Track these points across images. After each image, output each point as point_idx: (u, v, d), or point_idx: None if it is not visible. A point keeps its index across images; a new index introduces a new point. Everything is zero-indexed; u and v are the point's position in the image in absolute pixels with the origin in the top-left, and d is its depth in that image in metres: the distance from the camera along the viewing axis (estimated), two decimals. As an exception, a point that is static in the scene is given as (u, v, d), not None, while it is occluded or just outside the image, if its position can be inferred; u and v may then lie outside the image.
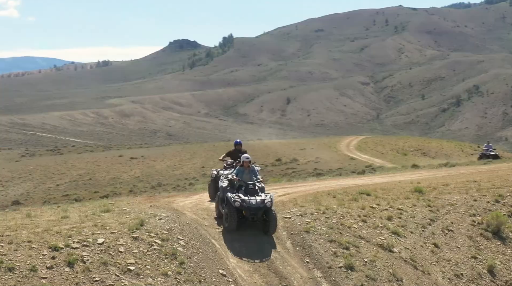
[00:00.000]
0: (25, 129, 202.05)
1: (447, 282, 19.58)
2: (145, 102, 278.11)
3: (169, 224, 19.20)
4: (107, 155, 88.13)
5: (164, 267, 16.91)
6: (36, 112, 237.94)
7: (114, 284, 15.78)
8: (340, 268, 18.53)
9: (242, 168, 20.51)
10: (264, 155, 75.90)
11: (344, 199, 23.47)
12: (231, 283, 17.20)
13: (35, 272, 15.50)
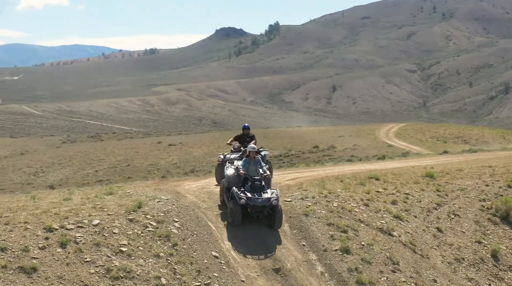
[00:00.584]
0: (72, 116, 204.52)
1: (446, 266, 19.41)
2: (191, 90, 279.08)
3: (167, 206, 19.36)
4: (146, 141, 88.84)
5: (157, 248, 17.07)
6: (83, 100, 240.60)
7: (104, 264, 15.98)
8: (335, 251, 18.50)
9: (248, 159, 20.11)
10: (302, 142, 75.77)
11: (351, 184, 23.39)
12: (223, 265, 17.30)
13: (27, 252, 15.75)
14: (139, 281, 15.76)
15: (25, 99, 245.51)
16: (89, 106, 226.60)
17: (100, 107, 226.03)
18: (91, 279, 15.37)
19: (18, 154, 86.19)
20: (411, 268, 18.51)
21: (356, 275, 17.59)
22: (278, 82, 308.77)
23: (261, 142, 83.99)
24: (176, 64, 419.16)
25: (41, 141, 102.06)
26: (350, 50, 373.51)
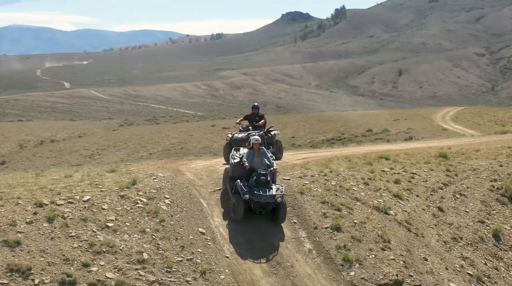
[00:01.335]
0: (138, 100, 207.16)
1: (441, 245, 19.15)
2: (256, 74, 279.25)
3: (161, 183, 19.55)
4: (200, 125, 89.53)
5: (144, 224, 17.29)
6: (149, 84, 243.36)
7: (88, 239, 16.27)
8: (326, 229, 18.45)
9: (252, 151, 19.29)
10: (356, 125, 75.38)
11: (358, 163, 23.19)
12: (209, 241, 17.43)
13: (13, 226, 16.13)
14: (120, 255, 16.00)
15: (93, 83, 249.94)
16: (155, 91, 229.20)
17: (166, 91, 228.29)
18: (73, 253, 15.67)
19: (76, 136, 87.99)
20: (402, 246, 18.33)
21: (344, 253, 17.52)
22: (344, 67, 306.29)
23: (314, 125, 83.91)
24: (242, 49, 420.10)
25: (99, 124, 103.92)
26: (417, 34, 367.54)
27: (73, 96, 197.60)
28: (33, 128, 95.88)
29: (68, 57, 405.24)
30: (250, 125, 24.49)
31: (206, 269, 16.18)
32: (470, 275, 18.31)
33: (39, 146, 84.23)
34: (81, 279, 14.95)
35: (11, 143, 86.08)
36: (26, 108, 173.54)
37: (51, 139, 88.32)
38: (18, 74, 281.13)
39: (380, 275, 17.11)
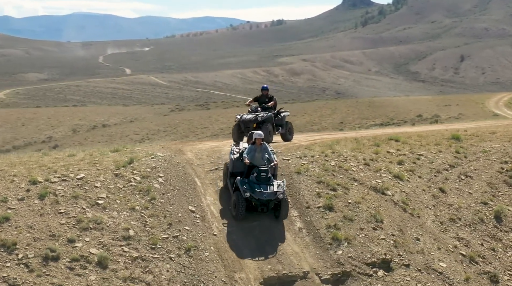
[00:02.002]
0: (198, 86, 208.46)
1: (437, 226, 18.89)
2: (316, 60, 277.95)
3: (158, 162, 19.64)
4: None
5: (134, 202, 17.44)
6: (209, 70, 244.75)
7: (77, 216, 16.50)
8: (318, 208, 18.36)
9: (253, 146, 18.54)
10: (406, 111, 74.72)
11: (365, 144, 22.94)
12: (198, 219, 17.52)
13: (4, 203, 16.42)
14: (107, 232, 16.21)
15: (153, 70, 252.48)
16: (215, 77, 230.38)
17: (225, 77, 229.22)
18: (59, 229, 15.92)
19: (127, 121, 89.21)
20: (395, 226, 18.14)
21: (333, 232, 17.44)
22: (404, 52, 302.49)
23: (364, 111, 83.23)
24: (302, 35, 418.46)
25: (151, 109, 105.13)
26: (480, 19, 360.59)
27: (133, 82, 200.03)
28: (86, 113, 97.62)
29: (130, 43, 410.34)
30: (259, 107, 24.50)
31: (191, 246, 16.27)
32: (463, 255, 18.05)
33: (91, 131, 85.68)
34: (65, 254, 15.18)
35: (64, 128, 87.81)
36: (87, 94, 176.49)
37: (103, 124, 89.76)
38: (81, 61, 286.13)
39: (368, 254, 16.99)
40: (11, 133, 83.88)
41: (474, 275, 17.50)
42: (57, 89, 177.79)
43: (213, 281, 15.59)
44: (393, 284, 16.40)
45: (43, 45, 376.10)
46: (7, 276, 14.28)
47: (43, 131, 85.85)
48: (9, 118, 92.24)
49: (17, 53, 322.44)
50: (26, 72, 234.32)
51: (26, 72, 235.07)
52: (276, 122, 24.54)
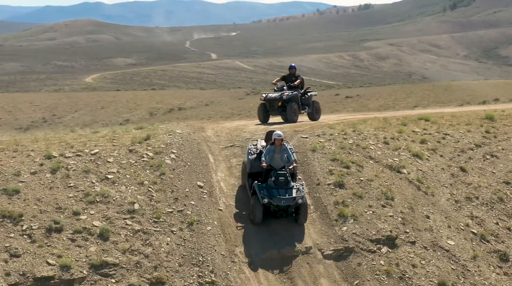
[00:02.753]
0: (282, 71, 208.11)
1: (451, 204, 18.46)
2: (402, 45, 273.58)
3: (173, 139, 19.74)
4: (324, 94, 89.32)
5: (143, 177, 17.64)
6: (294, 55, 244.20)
7: (85, 190, 16.82)
8: (328, 185, 18.19)
9: (272, 147, 17.38)
10: (483, 95, 73.07)
11: (392, 124, 22.55)
12: (205, 194, 17.60)
13: (17, 176, 16.85)
14: (112, 205, 16.47)
15: (239, 54, 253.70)
16: (300, 61, 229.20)
17: (310, 62, 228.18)
18: (66, 202, 16.27)
19: (203, 105, 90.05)
20: (405, 204, 17.81)
21: (340, 208, 17.26)
22: (494, 36, 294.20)
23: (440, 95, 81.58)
24: (389, 19, 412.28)
25: (227, 93, 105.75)
26: None
27: (218, 67, 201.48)
28: (164, 97, 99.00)
29: (216, 29, 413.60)
30: (285, 85, 24.40)
31: (194, 220, 16.37)
32: (474, 234, 17.62)
33: (167, 114, 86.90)
34: (68, 226, 15.50)
35: (142, 111, 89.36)
36: (172, 79, 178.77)
37: (180, 107, 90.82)
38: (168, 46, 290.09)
39: (373, 231, 16.77)
40: (90, 115, 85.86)
41: (484, 253, 17.04)
42: (143, 74, 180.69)
43: (212, 255, 15.63)
44: (396, 260, 16.12)
45: (132, 31, 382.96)
46: (9, 246, 14.63)
47: (121, 114, 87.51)
48: (89, 101, 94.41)
49: (107, 38, 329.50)
50: (115, 57, 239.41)
51: (115, 57, 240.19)
52: (302, 101, 24.40)
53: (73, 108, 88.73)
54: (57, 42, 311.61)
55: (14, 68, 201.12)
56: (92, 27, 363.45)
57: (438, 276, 15.87)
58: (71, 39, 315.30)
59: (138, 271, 14.81)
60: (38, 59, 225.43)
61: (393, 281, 15.65)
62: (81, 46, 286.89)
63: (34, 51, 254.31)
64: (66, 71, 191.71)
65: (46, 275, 14.22)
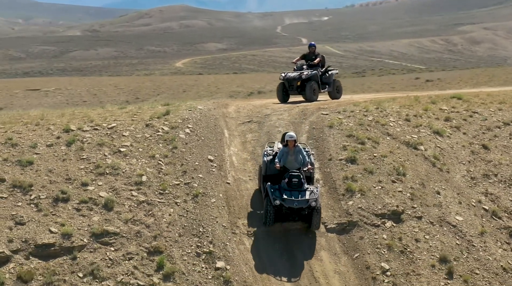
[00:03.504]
0: (373, 56, 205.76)
1: (465, 180, 18.04)
2: (498, 29, 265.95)
3: (191, 114, 19.87)
4: (404, 77, 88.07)
5: (155, 150, 17.86)
6: (385, 39, 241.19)
7: (96, 162, 17.18)
8: (340, 161, 18.04)
9: (286, 149, 16.56)
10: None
11: (420, 102, 22.12)
12: (214, 168, 17.73)
13: (33, 148, 17.30)
14: (121, 177, 16.80)
15: (329, 39, 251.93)
16: (391, 46, 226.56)
17: (401, 47, 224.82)
18: (76, 173, 16.69)
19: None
20: (417, 180, 17.51)
21: (348, 183, 17.12)
22: None
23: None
24: (486, 2, 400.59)
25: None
26: None
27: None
28: (244, 80, 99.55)
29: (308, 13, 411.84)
30: (305, 64, 24.19)
31: (199, 193, 16.50)
32: (485, 210, 17.20)
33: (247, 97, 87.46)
34: (75, 196, 15.89)
35: (222, 94, 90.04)
36: (261, 63, 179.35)
37: (259, 91, 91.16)
38: (259, 31, 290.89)
39: (379, 206, 16.59)
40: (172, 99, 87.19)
41: (493, 229, 16.63)
42: (233, 59, 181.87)
43: (213, 226, 15.75)
44: (399, 235, 15.90)
45: (225, 16, 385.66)
46: (15, 214, 15.06)
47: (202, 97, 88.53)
48: (172, 85, 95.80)
49: (200, 23, 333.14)
50: (206, 42, 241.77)
51: (206, 42, 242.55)
52: (323, 80, 24.13)
53: (156, 91, 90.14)
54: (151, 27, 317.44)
55: (109, 53, 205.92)
56: (186, 12, 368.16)
57: (440, 251, 15.58)
58: (165, 24, 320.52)
59: (137, 240, 15.03)
60: (132, 44, 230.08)
61: (393, 255, 15.45)
62: (174, 31, 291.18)
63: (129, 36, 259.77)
64: (158, 56, 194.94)
65: (47, 242, 14.52)
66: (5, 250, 14.17)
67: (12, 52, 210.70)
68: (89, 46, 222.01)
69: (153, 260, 14.65)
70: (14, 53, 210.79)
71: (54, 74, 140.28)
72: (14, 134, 17.73)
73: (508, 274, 15.42)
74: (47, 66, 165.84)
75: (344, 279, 14.99)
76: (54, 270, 14.09)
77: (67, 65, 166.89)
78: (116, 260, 14.52)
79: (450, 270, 15.20)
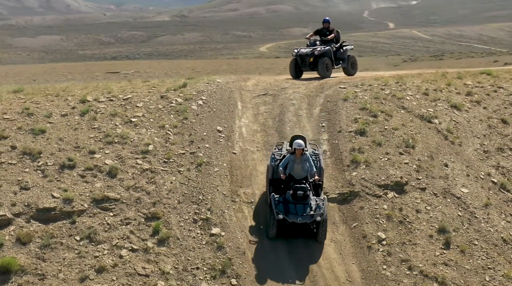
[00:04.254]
0: (461, 40, 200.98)
1: (477, 154, 17.56)
2: None
3: (207, 87, 19.94)
4: (482, 60, 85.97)
5: (166, 121, 18.00)
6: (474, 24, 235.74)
7: (106, 131, 17.48)
8: (349, 133, 17.86)
9: (292, 157, 15.53)
10: None
11: (446, 77, 21.67)
12: (222, 138, 17.78)
13: (47, 117, 17.65)
14: (128, 146, 17.02)
15: (417, 24, 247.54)
16: (479, 30, 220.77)
17: (490, 31, 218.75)
18: (85, 142, 16.99)
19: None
20: (425, 153, 17.17)
21: (354, 154, 16.96)
22: None
23: None
24: None
25: (384, 60, 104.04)
26: None
27: (394, 36, 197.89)
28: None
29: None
30: (318, 40, 23.90)
31: (203, 162, 16.57)
32: (494, 183, 16.71)
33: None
34: (81, 163, 16.19)
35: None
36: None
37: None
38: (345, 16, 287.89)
39: (383, 177, 16.35)
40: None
41: (499, 202, 16.17)
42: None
43: (212, 194, 15.81)
44: (400, 205, 15.63)
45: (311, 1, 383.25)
46: (22, 179, 15.42)
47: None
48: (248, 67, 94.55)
49: (286, 8, 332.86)
50: (292, 27, 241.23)
51: (292, 27, 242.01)
52: (337, 55, 23.75)
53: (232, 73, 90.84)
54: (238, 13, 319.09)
55: (195, 38, 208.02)
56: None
57: (440, 222, 15.26)
58: (252, 9, 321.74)
59: (137, 207, 15.21)
60: (218, 29, 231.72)
61: (392, 225, 15.22)
62: (261, 16, 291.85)
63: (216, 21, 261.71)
64: (243, 41, 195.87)
65: (48, 206, 14.77)
66: (7, 213, 14.49)
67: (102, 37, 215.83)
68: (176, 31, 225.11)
69: (150, 226, 14.75)
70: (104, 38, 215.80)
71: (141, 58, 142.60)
72: (32, 104, 18.14)
73: (508, 245, 15.00)
74: (134, 50, 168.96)
75: (340, 247, 14.85)
76: (52, 233, 14.27)
77: (153, 49, 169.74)
78: (114, 225, 14.69)
79: (447, 240, 14.87)
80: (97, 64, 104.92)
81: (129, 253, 14.11)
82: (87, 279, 13.50)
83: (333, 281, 13.88)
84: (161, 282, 13.59)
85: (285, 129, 18.01)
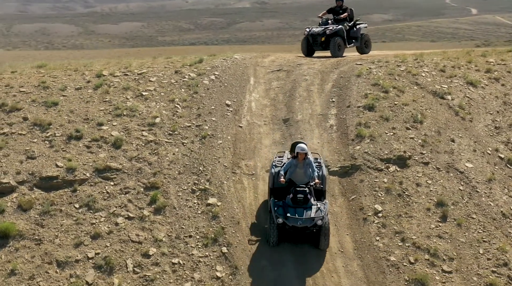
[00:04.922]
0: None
1: (487, 130, 17.10)
2: None
3: (222, 63, 19.88)
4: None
5: (176, 95, 18.06)
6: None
7: (117, 104, 17.73)
8: (357, 108, 17.66)
9: (294, 161, 14.78)
10: None
11: (470, 55, 21.22)
12: (230, 112, 17.81)
13: (62, 91, 17.91)
14: (136, 118, 17.21)
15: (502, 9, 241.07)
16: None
17: None
18: (95, 114, 17.27)
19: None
20: (433, 128, 16.83)
21: (360, 129, 16.80)
22: None
23: None
24: None
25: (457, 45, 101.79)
26: None
27: (477, 22, 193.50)
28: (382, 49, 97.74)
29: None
30: (331, 19, 23.54)
31: (207, 134, 16.60)
32: (500, 158, 16.28)
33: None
34: (87, 135, 16.43)
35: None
36: (426, 34, 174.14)
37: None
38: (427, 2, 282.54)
39: (386, 151, 16.13)
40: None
41: (504, 177, 15.77)
42: (397, 30, 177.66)
43: (213, 165, 15.85)
44: (400, 179, 15.37)
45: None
46: (29, 149, 15.84)
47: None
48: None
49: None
50: (372, 13, 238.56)
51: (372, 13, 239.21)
52: (351, 34, 23.33)
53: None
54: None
55: (273, 25, 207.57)
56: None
57: (440, 195, 14.97)
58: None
59: (137, 177, 15.37)
60: (297, 15, 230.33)
61: (390, 197, 15.02)
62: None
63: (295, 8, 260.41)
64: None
65: (51, 175, 15.09)
66: (11, 181, 14.83)
67: (182, 24, 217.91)
68: (255, 17, 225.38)
69: (148, 195, 14.89)
70: (184, 24, 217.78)
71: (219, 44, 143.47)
72: (49, 78, 18.51)
73: (507, 219, 14.62)
74: (213, 37, 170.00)
75: (336, 219, 14.72)
76: (53, 201, 14.53)
77: (231, 36, 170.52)
78: (113, 193, 14.88)
79: (444, 213, 14.59)
80: (171, 49, 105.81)
81: (125, 221, 14.22)
82: (82, 245, 13.66)
83: (324, 251, 13.72)
84: (153, 248, 13.66)
85: (294, 104, 17.92)
